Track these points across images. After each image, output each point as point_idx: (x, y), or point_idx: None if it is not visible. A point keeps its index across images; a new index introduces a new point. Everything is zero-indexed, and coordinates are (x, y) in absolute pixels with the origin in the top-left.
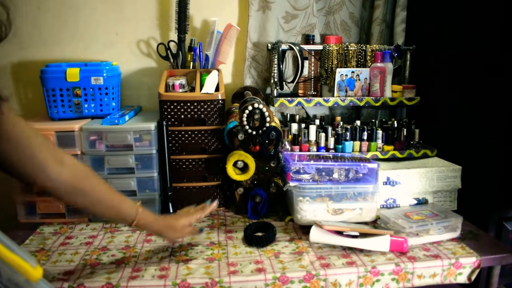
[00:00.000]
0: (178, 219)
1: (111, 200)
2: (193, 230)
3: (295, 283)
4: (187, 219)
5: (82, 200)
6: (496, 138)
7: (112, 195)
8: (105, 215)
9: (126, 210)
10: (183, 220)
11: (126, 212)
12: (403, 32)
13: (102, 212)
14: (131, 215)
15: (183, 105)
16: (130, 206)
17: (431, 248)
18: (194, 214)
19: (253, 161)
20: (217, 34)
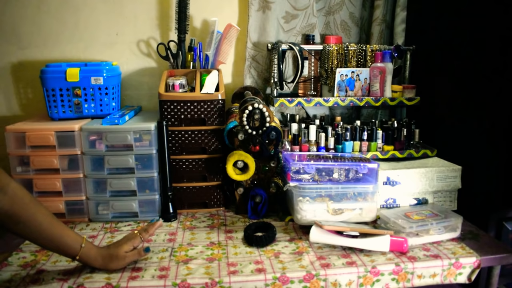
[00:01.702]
0: (120, 246)
1: (52, 233)
2: (137, 252)
3: (295, 283)
4: (129, 243)
5: (20, 230)
6: (496, 138)
7: (54, 227)
8: (46, 246)
9: (68, 244)
10: (125, 246)
11: (68, 245)
12: (403, 32)
13: (42, 243)
14: (74, 250)
15: (183, 105)
16: (73, 240)
17: (431, 248)
18: (137, 237)
19: (253, 161)
20: (217, 34)
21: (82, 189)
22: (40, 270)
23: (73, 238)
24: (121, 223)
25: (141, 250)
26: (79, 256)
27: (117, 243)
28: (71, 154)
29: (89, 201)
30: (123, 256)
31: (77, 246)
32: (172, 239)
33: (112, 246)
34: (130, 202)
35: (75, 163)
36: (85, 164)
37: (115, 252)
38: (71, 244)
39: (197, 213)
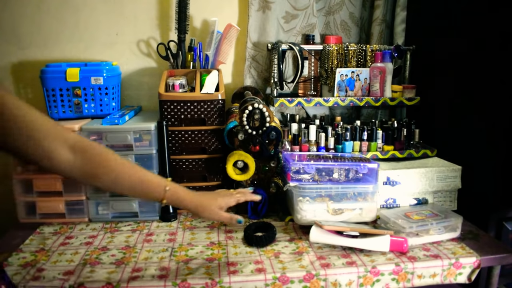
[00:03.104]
0: (215, 199)
1: (131, 183)
2: (231, 217)
3: (295, 283)
4: (224, 200)
5: (99, 182)
6: (496, 138)
7: (132, 177)
8: (129, 194)
9: (150, 192)
10: (220, 201)
11: (150, 193)
12: (403, 32)
13: (123, 193)
14: (158, 197)
15: (183, 105)
16: (155, 186)
17: (431, 248)
18: (233, 197)
19: (253, 161)
20: (217, 34)
21: (82, 189)
22: (40, 269)
23: (156, 182)
24: (121, 223)
25: (234, 217)
26: (165, 199)
27: (212, 195)
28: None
29: (89, 201)
30: (216, 212)
31: (161, 191)
32: (172, 239)
33: (205, 196)
34: (130, 202)
35: None
36: None
37: (208, 204)
38: (155, 189)
39: None
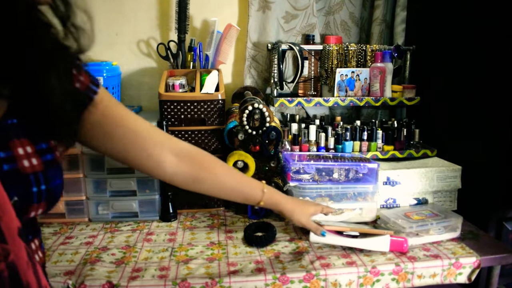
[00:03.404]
0: (307, 206)
1: (231, 185)
2: (317, 228)
3: (295, 283)
4: (313, 208)
5: (200, 187)
6: (496, 138)
7: (233, 180)
8: (229, 196)
9: (249, 193)
10: (311, 208)
11: (249, 195)
12: (403, 32)
13: (223, 196)
14: (256, 198)
15: (183, 105)
16: (254, 188)
17: (431, 248)
18: (320, 206)
19: (253, 161)
20: (217, 34)
21: (82, 189)
22: None
23: (254, 185)
24: (121, 223)
25: (319, 229)
26: (263, 201)
27: (303, 202)
28: (71, 154)
29: (89, 201)
30: (307, 218)
31: (259, 193)
32: (172, 239)
33: (299, 203)
34: (130, 202)
35: (75, 163)
36: (85, 164)
37: (303, 209)
38: (253, 192)
39: (197, 213)
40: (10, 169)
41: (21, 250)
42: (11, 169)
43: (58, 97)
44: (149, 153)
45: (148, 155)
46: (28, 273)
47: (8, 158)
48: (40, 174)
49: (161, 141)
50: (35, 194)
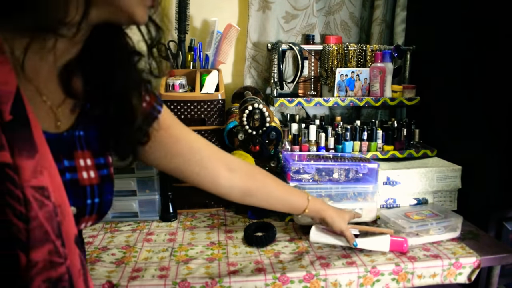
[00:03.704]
0: (344, 214)
1: (279, 195)
2: (351, 238)
3: (295, 283)
4: (349, 215)
5: (252, 199)
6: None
7: (280, 189)
8: (275, 208)
9: (296, 201)
10: (347, 215)
11: (296, 203)
12: (403, 32)
13: (271, 206)
14: (302, 206)
15: (183, 105)
16: (299, 196)
17: (431, 248)
18: (353, 212)
19: (253, 161)
20: (217, 34)
21: None
22: None
23: (298, 194)
24: (121, 223)
25: (353, 239)
26: (308, 209)
27: (341, 210)
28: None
29: None
30: (345, 224)
31: (304, 201)
32: (172, 239)
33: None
34: (130, 202)
35: None
36: None
37: (342, 217)
38: (299, 201)
39: (197, 213)
40: (71, 178)
41: (76, 257)
42: (72, 179)
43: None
44: (206, 168)
45: (206, 170)
46: (79, 281)
47: (71, 168)
48: (96, 187)
49: (216, 157)
50: (88, 206)
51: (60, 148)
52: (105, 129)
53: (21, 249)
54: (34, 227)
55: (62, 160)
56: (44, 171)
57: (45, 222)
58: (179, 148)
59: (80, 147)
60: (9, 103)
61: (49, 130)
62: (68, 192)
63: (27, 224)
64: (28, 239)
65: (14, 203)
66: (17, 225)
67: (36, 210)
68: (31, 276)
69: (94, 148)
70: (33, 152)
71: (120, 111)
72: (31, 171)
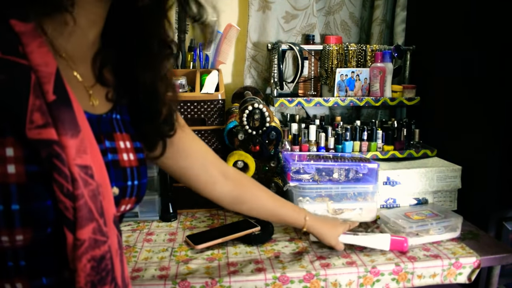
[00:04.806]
0: (337, 228)
1: (272, 208)
2: (342, 246)
3: (295, 283)
4: (343, 228)
5: (242, 208)
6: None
7: (273, 203)
8: (269, 219)
9: (291, 218)
10: (340, 229)
11: (291, 220)
12: (403, 32)
13: (265, 217)
14: (298, 224)
15: (183, 105)
16: (295, 214)
17: (431, 248)
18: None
19: (253, 161)
20: (217, 34)
21: None
22: None
23: (295, 212)
24: (121, 223)
25: (342, 246)
26: (305, 228)
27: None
28: None
29: None
30: (335, 241)
31: (301, 221)
32: (172, 239)
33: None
34: None
35: None
36: None
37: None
38: (294, 218)
39: (197, 213)
40: (113, 159)
41: (114, 237)
42: (114, 159)
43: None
44: (206, 172)
45: (205, 175)
46: (116, 260)
47: (112, 149)
48: (135, 169)
49: (216, 163)
50: (129, 187)
51: (101, 129)
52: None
53: (68, 228)
54: (81, 205)
55: (104, 141)
56: (87, 150)
57: (89, 200)
58: (191, 150)
59: (119, 130)
60: (51, 83)
61: (89, 110)
62: (110, 172)
63: (74, 202)
64: (75, 217)
65: (61, 180)
66: (64, 203)
67: (82, 188)
68: (78, 256)
69: (130, 131)
70: (77, 132)
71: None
72: (76, 149)
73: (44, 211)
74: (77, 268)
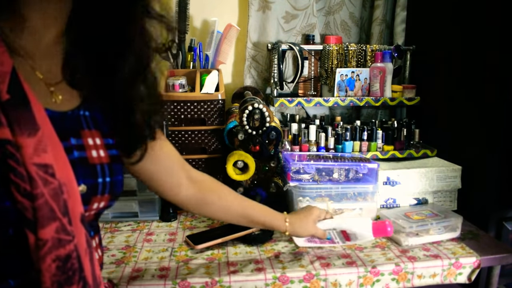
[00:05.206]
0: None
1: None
2: (324, 234)
3: (295, 283)
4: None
5: (208, 210)
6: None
7: (240, 202)
8: (241, 222)
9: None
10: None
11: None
12: (403, 32)
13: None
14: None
15: (183, 105)
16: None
17: (431, 248)
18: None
19: (253, 161)
20: (217, 34)
21: None
22: None
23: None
24: (121, 223)
25: (323, 234)
26: (288, 232)
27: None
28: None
29: None
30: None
31: (282, 223)
32: (172, 239)
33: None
34: (130, 202)
35: None
36: None
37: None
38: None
39: None
40: (79, 156)
41: (82, 236)
42: (81, 157)
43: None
44: (172, 176)
45: (171, 179)
46: (86, 260)
47: (79, 146)
48: (106, 166)
49: (182, 166)
50: (100, 185)
51: (66, 126)
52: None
53: (29, 228)
54: (40, 204)
55: (69, 139)
56: (48, 149)
57: (50, 199)
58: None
59: (87, 126)
60: (6, 82)
61: (51, 107)
62: (77, 170)
63: (33, 202)
64: (35, 217)
65: (18, 180)
66: (22, 203)
67: (41, 187)
68: (41, 256)
69: (102, 128)
70: (34, 130)
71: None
72: (33, 148)
73: (3, 212)
74: (42, 268)
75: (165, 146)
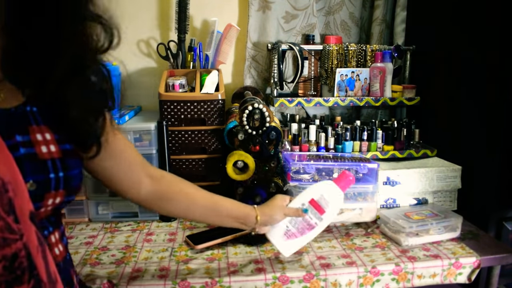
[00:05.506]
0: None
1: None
2: (297, 210)
3: (295, 283)
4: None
5: (170, 206)
6: (496, 138)
7: (204, 197)
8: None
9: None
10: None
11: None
12: (403, 32)
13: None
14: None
15: (183, 105)
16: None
17: (431, 248)
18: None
19: (253, 161)
20: (217, 34)
21: (82, 189)
22: None
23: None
24: (121, 223)
25: (299, 209)
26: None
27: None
28: None
29: (89, 201)
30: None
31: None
32: (172, 239)
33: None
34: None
35: None
36: None
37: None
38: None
39: None
40: (27, 153)
41: (32, 233)
42: (28, 153)
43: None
44: (132, 176)
45: (131, 175)
46: (38, 257)
47: (26, 143)
48: (58, 161)
49: (142, 164)
50: (52, 180)
51: (10, 123)
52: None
53: None
54: None
55: (14, 136)
56: None
57: None
58: (118, 150)
59: (35, 122)
60: None
61: None
62: (24, 167)
63: None
64: None
65: None
66: None
67: None
68: None
69: (52, 123)
70: None
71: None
72: None
73: None
74: None
75: (123, 143)
